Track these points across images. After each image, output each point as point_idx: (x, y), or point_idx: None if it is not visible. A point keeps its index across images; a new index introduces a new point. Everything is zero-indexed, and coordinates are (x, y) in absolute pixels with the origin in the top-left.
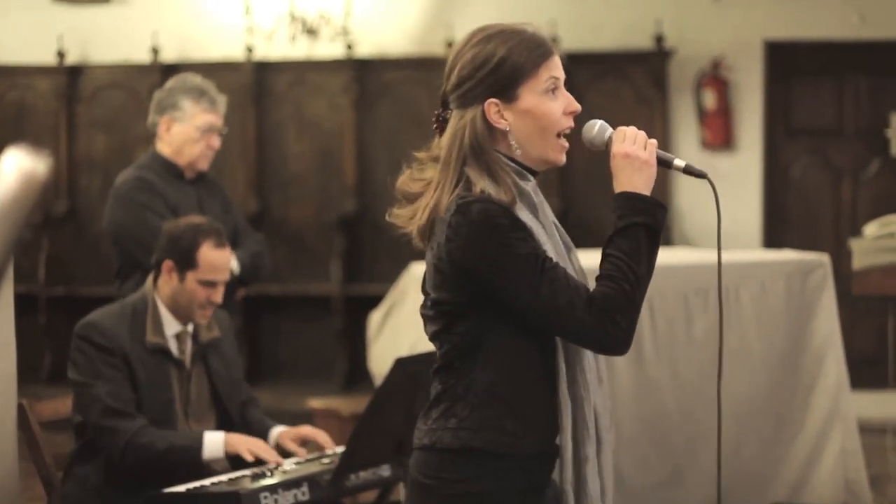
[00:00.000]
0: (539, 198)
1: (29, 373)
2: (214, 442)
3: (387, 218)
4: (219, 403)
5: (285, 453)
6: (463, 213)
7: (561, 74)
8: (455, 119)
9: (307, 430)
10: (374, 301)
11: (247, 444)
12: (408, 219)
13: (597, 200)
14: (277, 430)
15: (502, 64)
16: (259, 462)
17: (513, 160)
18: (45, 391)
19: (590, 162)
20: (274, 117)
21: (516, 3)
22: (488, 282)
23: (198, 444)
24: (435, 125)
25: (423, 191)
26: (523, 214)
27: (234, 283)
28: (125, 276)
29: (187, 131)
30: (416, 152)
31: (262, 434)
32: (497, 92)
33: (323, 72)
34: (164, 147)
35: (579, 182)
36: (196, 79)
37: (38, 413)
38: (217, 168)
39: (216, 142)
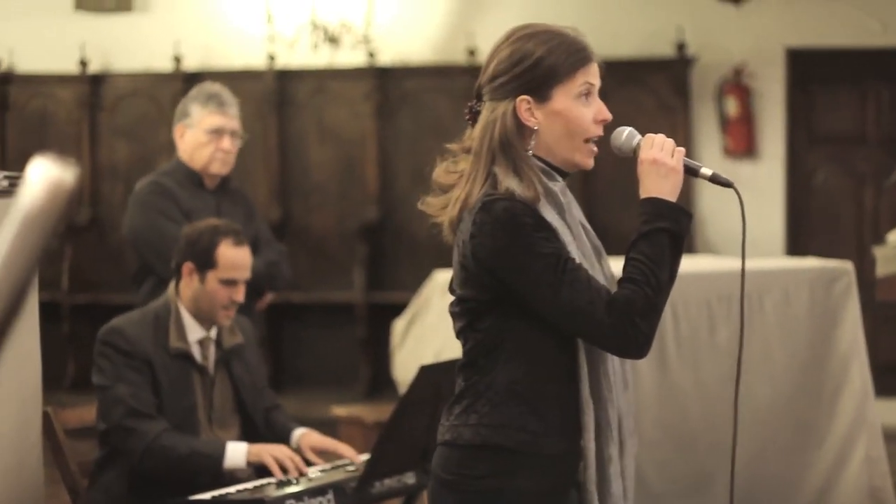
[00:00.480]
0: (567, 198)
1: (52, 381)
2: (237, 452)
3: (419, 206)
4: (242, 410)
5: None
6: (487, 210)
7: (596, 81)
8: (487, 111)
9: (331, 445)
10: (397, 309)
11: (270, 451)
12: (439, 208)
13: (619, 206)
14: (300, 433)
15: (539, 63)
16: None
17: (541, 159)
18: (68, 399)
19: (613, 168)
20: (295, 125)
21: (538, 11)
22: (510, 280)
23: (219, 453)
24: (467, 116)
25: (456, 182)
26: (549, 214)
27: (251, 292)
28: (140, 281)
29: (197, 135)
30: (449, 144)
31: (284, 437)
32: (530, 90)
33: (344, 80)
34: (183, 155)
35: (601, 188)
36: (213, 86)
37: (62, 421)
38: (239, 176)
39: (227, 143)
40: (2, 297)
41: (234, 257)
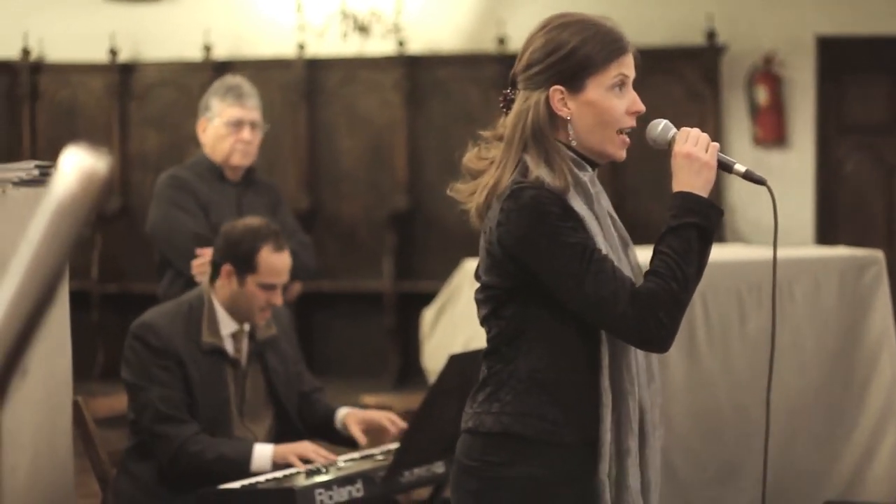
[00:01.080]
0: (596, 189)
1: (82, 370)
2: (263, 456)
3: (448, 192)
4: (276, 400)
5: (345, 440)
6: (515, 198)
7: (631, 73)
8: (520, 100)
9: (374, 416)
10: (427, 298)
11: (294, 451)
12: (468, 194)
13: (648, 197)
14: (344, 412)
15: (573, 53)
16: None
17: (572, 150)
18: (98, 388)
19: (642, 159)
20: (325, 114)
21: (567, 0)
22: (534, 268)
23: (246, 458)
24: (502, 104)
25: (486, 169)
26: (577, 204)
27: None
28: (161, 272)
29: (217, 128)
30: (482, 131)
31: (328, 418)
32: (564, 80)
33: (374, 69)
34: (205, 148)
35: (631, 178)
36: (232, 79)
37: (92, 410)
38: (268, 165)
39: (246, 134)
40: (34, 286)
41: (275, 263)
